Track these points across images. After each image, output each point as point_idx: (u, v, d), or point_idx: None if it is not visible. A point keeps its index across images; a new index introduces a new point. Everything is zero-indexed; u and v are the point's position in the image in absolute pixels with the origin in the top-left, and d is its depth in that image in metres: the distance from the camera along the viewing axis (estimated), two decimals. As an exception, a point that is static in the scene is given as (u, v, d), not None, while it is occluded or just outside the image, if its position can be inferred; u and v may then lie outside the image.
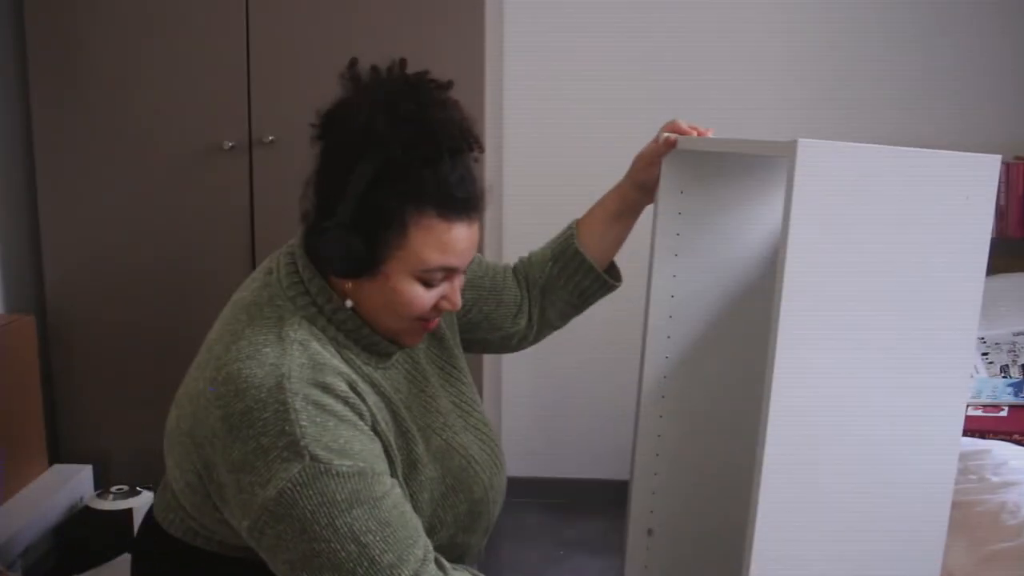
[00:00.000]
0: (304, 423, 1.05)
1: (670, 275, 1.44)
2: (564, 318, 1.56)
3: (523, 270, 1.53)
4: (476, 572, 1.19)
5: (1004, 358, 2.28)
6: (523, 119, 2.82)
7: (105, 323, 2.49)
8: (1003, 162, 2.67)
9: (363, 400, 1.14)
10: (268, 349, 1.10)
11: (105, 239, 2.47)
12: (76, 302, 2.49)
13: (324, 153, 1.17)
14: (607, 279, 1.51)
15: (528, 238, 1.68)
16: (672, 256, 1.44)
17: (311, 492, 1.04)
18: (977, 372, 2.26)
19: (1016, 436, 1.88)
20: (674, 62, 2.82)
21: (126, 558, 2.20)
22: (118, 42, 2.39)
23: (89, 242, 2.47)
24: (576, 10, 2.82)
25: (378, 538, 1.05)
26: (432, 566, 1.09)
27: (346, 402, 1.11)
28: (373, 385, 1.19)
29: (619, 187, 1.51)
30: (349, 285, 1.17)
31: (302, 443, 1.04)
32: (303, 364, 1.10)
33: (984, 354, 2.30)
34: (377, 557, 1.05)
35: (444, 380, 1.35)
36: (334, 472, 1.05)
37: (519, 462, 2.96)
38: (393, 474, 1.15)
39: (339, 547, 1.04)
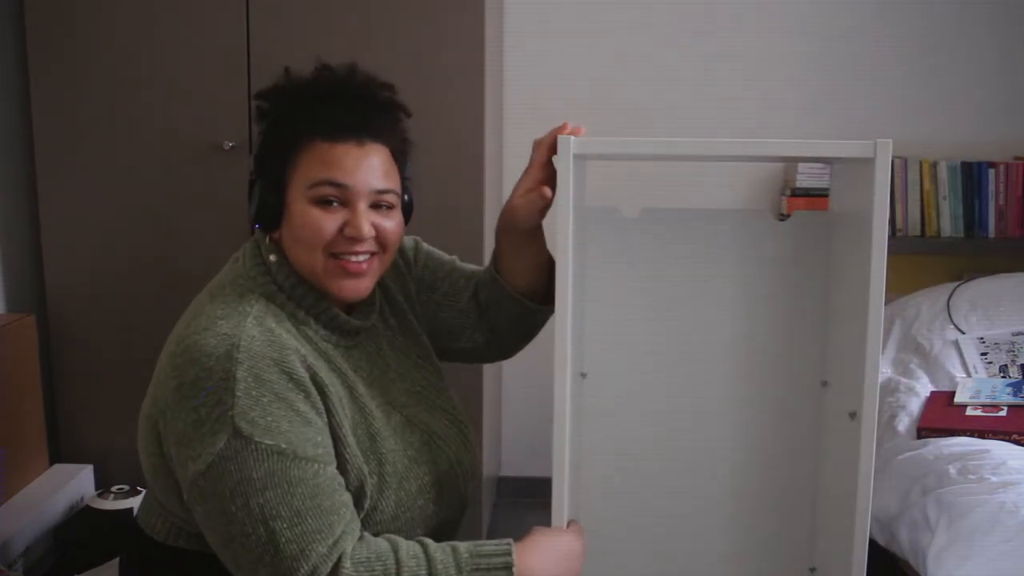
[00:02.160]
0: (239, 394, 1.07)
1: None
2: (519, 346, 1.46)
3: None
4: (401, 541, 1.13)
5: (1003, 358, 2.28)
6: (523, 119, 2.82)
7: (105, 323, 2.49)
8: (1003, 162, 2.69)
9: (315, 374, 1.14)
10: (223, 321, 1.13)
11: (105, 239, 2.47)
12: (76, 302, 2.49)
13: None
14: (528, 304, 1.35)
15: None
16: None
17: (232, 467, 1.06)
18: (976, 372, 2.26)
19: (1015, 436, 1.88)
20: (675, 62, 2.82)
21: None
22: (118, 42, 2.39)
23: (89, 242, 2.47)
24: (577, 10, 2.83)
25: (285, 525, 1.06)
26: (329, 565, 1.07)
27: (291, 377, 1.11)
28: (329, 362, 1.20)
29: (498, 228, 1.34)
30: (278, 235, 1.22)
31: (229, 414, 1.06)
32: (254, 336, 1.11)
33: (983, 354, 2.30)
34: (282, 546, 1.05)
35: (411, 367, 1.35)
36: (253, 447, 1.06)
37: (519, 462, 2.97)
38: (340, 456, 1.15)
39: (251, 530, 1.06)
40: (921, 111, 2.80)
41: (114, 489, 2.34)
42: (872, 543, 1.29)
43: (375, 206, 1.21)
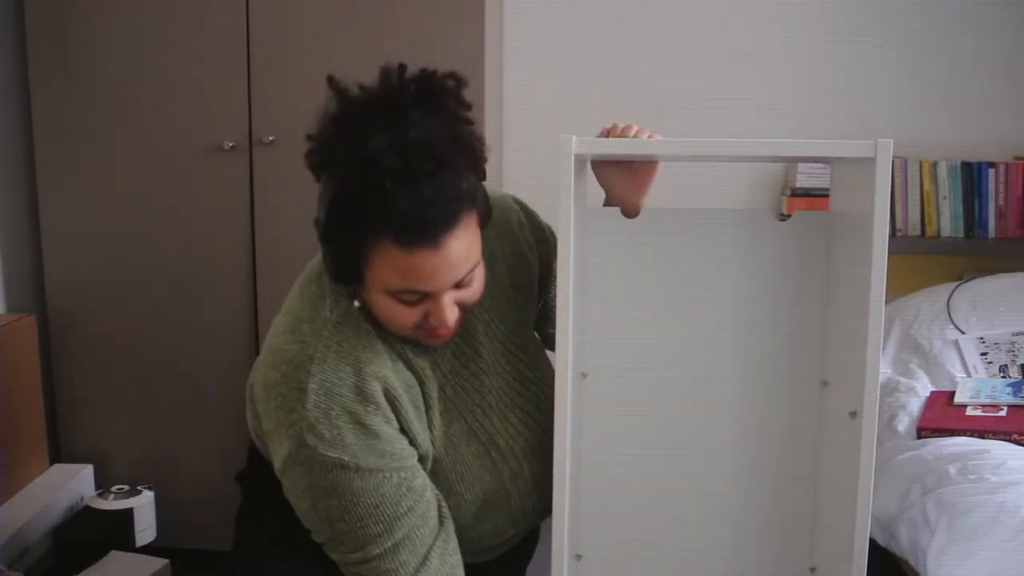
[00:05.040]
0: (309, 406, 1.12)
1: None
2: None
3: None
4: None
5: (1003, 358, 2.28)
6: (523, 119, 2.82)
7: (105, 323, 2.49)
8: (1003, 162, 2.69)
9: (388, 387, 1.17)
10: (305, 326, 1.17)
11: (105, 239, 2.47)
12: (76, 302, 2.49)
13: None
14: None
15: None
16: None
17: (300, 472, 1.14)
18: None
19: (1015, 436, 1.87)
20: (674, 62, 2.82)
21: (122, 556, 2.21)
22: (118, 42, 2.39)
23: (89, 242, 2.47)
24: (576, 10, 2.82)
25: (348, 528, 1.15)
26: (384, 564, 1.16)
27: (361, 391, 1.14)
28: (405, 362, 1.22)
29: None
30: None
31: (298, 424, 1.12)
32: (329, 347, 1.15)
33: (983, 354, 2.30)
34: (345, 543, 1.16)
35: (502, 356, 1.33)
36: (318, 458, 1.12)
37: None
38: (421, 460, 1.22)
39: (317, 526, 1.18)
40: (921, 111, 2.79)
41: (114, 489, 2.34)
42: (872, 543, 1.29)
43: (457, 285, 1.15)
